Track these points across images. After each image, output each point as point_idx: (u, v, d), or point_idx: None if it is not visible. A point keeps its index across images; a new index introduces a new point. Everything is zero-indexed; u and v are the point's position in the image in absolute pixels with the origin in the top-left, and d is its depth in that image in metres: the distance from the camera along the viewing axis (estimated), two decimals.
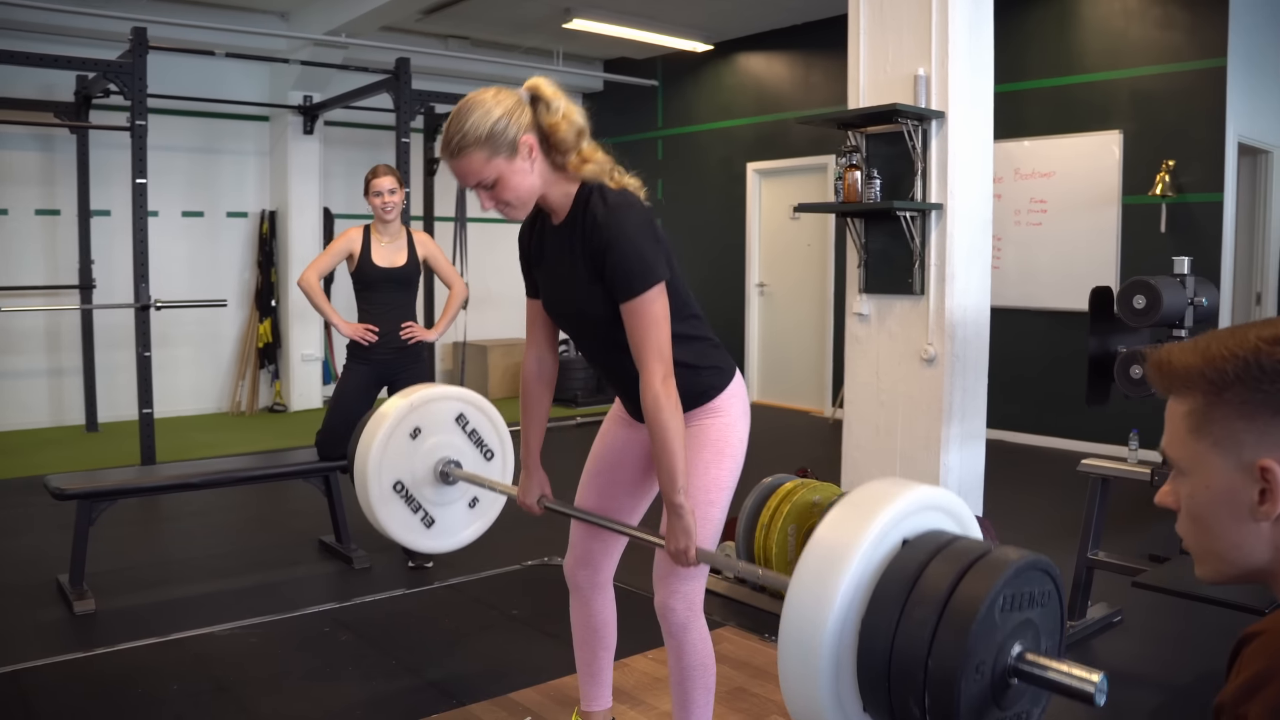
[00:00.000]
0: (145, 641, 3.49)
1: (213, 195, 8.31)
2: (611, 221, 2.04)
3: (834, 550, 1.59)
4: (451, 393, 2.95)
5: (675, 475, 2.06)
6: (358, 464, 2.83)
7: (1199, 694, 3.17)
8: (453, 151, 2.03)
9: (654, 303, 2.05)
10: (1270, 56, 6.47)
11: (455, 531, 2.98)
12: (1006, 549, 1.60)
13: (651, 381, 2.04)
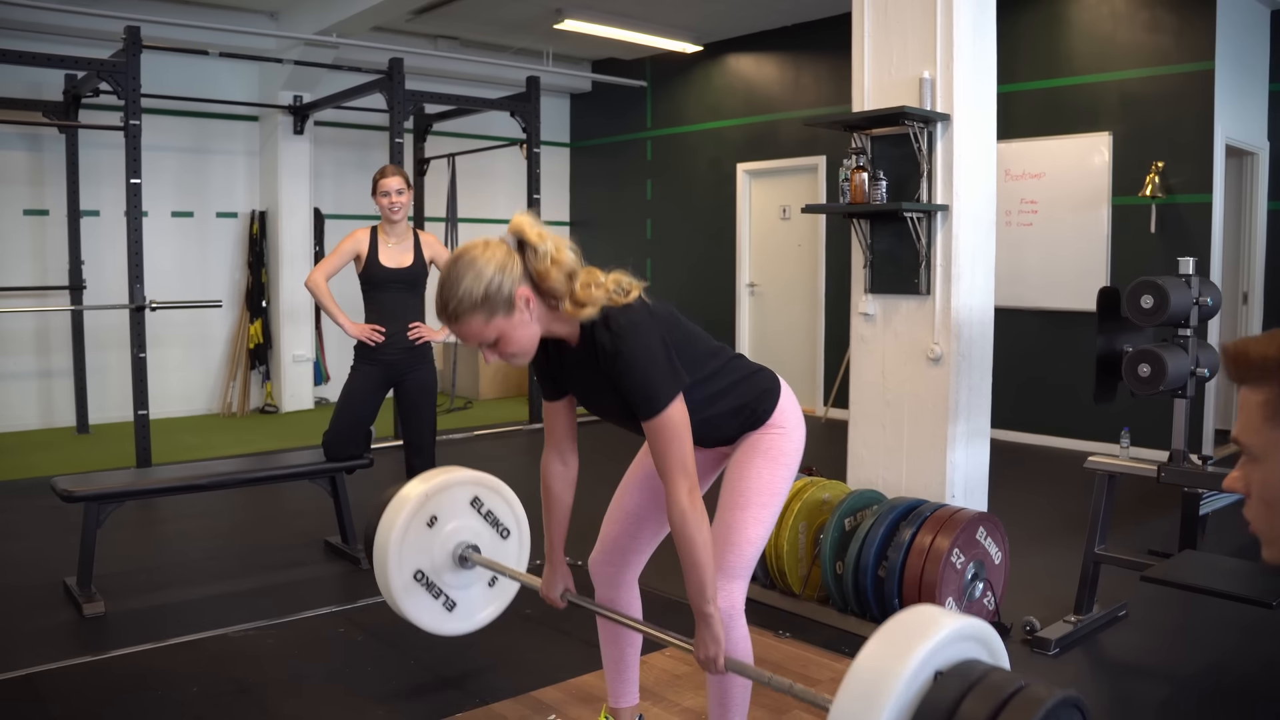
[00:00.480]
0: (160, 644, 3.48)
1: (202, 195, 8.27)
2: (620, 350, 2.05)
3: (872, 686, 1.66)
4: (465, 477, 2.99)
5: (704, 587, 2.10)
6: (377, 555, 2.87)
7: (1205, 685, 3.23)
8: (451, 317, 2.04)
9: (671, 418, 2.07)
10: (1255, 59, 6.57)
11: (476, 612, 3.03)
12: (1037, 686, 1.67)
13: (678, 497, 2.08)
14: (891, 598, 3.51)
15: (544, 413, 2.41)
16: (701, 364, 2.24)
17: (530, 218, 2.09)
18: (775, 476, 2.34)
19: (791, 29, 8.63)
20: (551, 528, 2.48)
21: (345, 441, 4.45)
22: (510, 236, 2.08)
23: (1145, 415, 6.48)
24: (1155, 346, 3.40)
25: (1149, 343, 3.63)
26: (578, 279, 2.08)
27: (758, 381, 2.37)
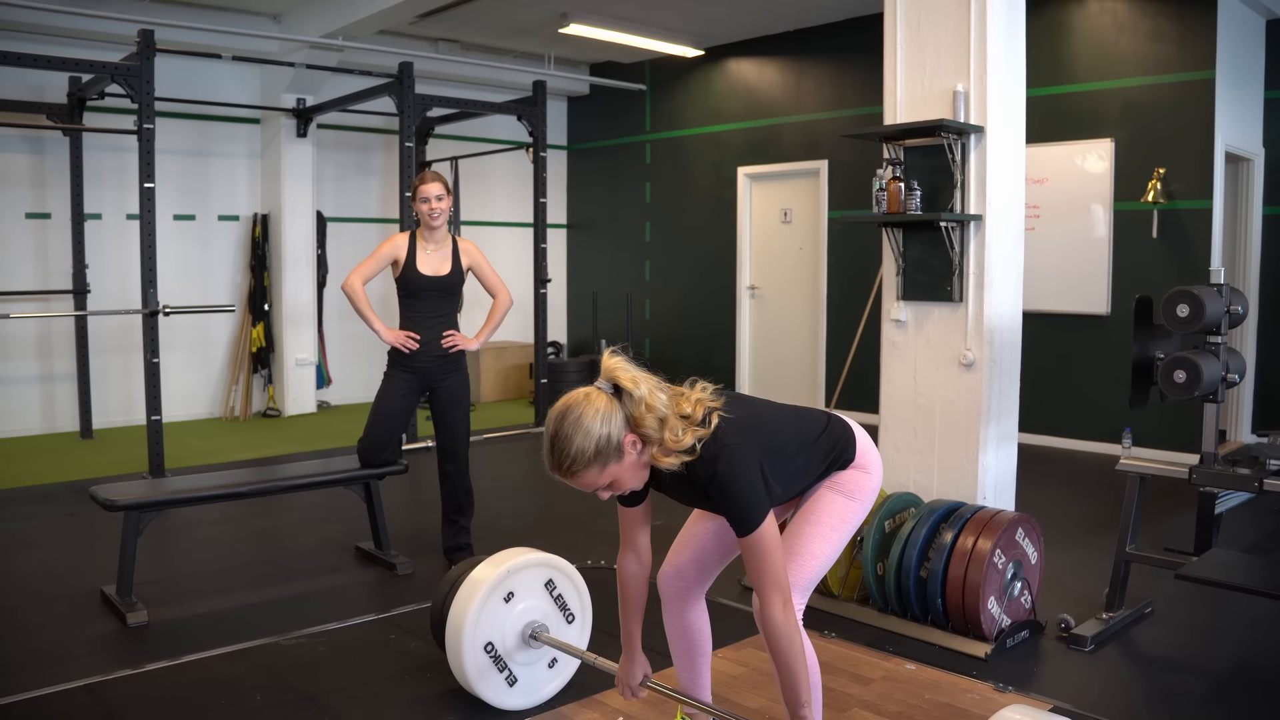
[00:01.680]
0: (213, 652, 3.50)
1: (204, 198, 8.24)
2: (715, 476, 2.16)
3: None
4: (545, 559, 3.13)
5: (799, 694, 2.22)
6: (452, 623, 2.98)
7: (1240, 680, 3.33)
8: (566, 473, 2.12)
9: (764, 535, 2.17)
10: (1251, 68, 6.72)
11: (535, 690, 3.14)
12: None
13: (773, 613, 2.18)
14: (935, 598, 3.59)
15: (621, 517, 2.48)
16: (788, 455, 2.34)
17: (621, 360, 2.17)
18: (849, 508, 2.46)
19: (794, 34, 8.72)
20: (629, 621, 2.58)
21: (381, 448, 4.47)
22: (605, 382, 2.16)
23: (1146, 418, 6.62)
24: (1189, 353, 3.50)
25: (1177, 349, 3.73)
26: (669, 425, 2.15)
27: (835, 433, 2.47)
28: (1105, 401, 6.92)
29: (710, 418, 2.20)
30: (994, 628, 3.53)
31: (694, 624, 2.63)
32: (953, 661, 3.44)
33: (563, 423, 2.11)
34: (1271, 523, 5.20)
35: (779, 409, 2.44)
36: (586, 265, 10.80)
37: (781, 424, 2.39)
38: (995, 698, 3.14)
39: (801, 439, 2.40)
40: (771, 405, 2.44)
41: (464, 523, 4.57)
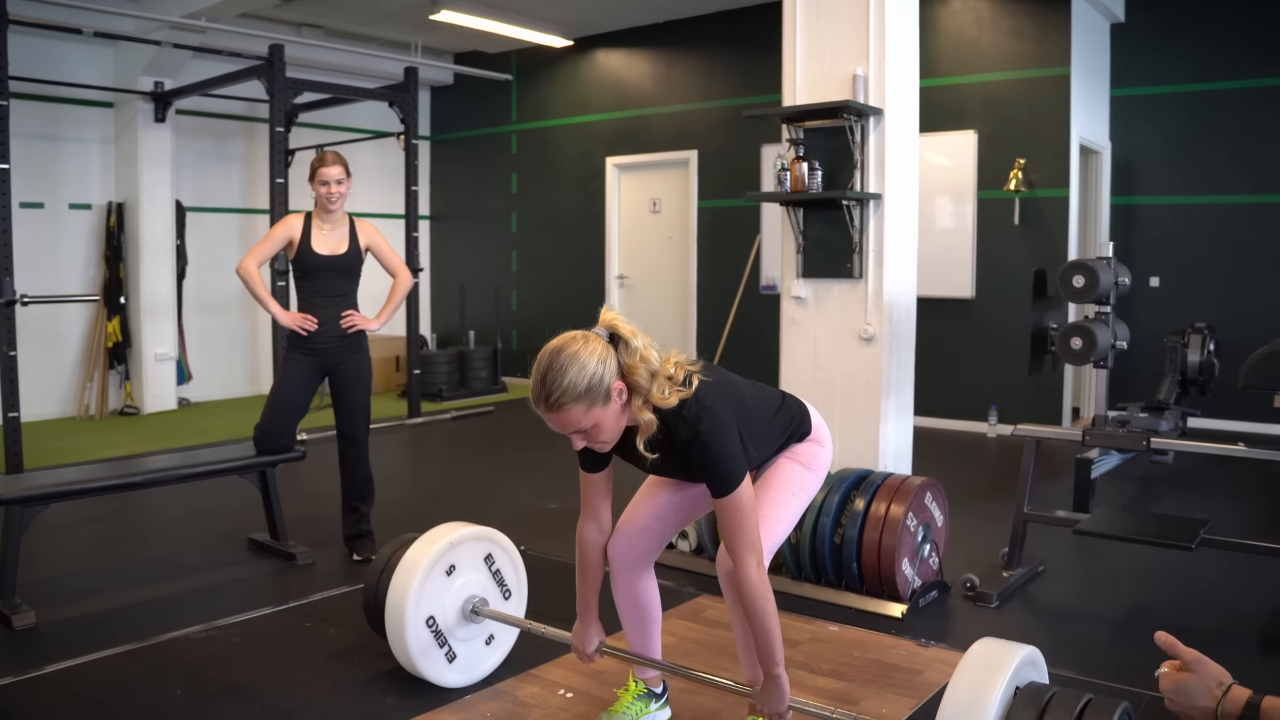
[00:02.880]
0: (117, 650, 3.31)
1: (53, 185, 7.74)
2: (697, 437, 2.20)
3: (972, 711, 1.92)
4: (485, 533, 3.10)
5: (773, 652, 2.27)
6: (394, 597, 2.91)
7: (1137, 625, 3.56)
8: (552, 406, 2.13)
9: (741, 497, 2.22)
10: (1098, 67, 7.17)
11: (474, 666, 3.10)
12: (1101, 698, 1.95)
13: (748, 572, 2.22)
14: (850, 563, 3.71)
15: (582, 484, 2.49)
16: (756, 422, 2.39)
17: (618, 314, 2.22)
18: (807, 478, 2.55)
19: (663, 25, 8.82)
20: (586, 588, 2.59)
21: (279, 434, 4.32)
22: (603, 329, 2.19)
23: (1009, 398, 7.01)
24: (1084, 322, 3.72)
25: (1066, 320, 3.96)
26: (658, 379, 2.18)
27: (791, 408, 2.56)
28: (971, 382, 7.27)
29: (691, 379, 2.23)
30: (907, 589, 3.67)
31: (645, 593, 2.65)
32: (871, 622, 3.56)
33: (558, 356, 2.12)
34: (1135, 487, 5.57)
35: (743, 381, 2.48)
36: (451, 257, 10.66)
37: (749, 393, 2.44)
38: (920, 652, 3.27)
39: (766, 409, 2.46)
40: (736, 376, 2.48)
41: (365, 510, 4.46)
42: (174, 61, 7.76)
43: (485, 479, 6.05)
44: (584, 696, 2.96)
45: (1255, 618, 3.59)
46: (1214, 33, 6.83)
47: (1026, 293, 6.68)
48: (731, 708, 2.86)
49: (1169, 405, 5.65)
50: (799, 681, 2.99)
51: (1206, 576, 4.02)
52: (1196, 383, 5.89)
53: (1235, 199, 6.87)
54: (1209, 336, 5.94)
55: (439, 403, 8.86)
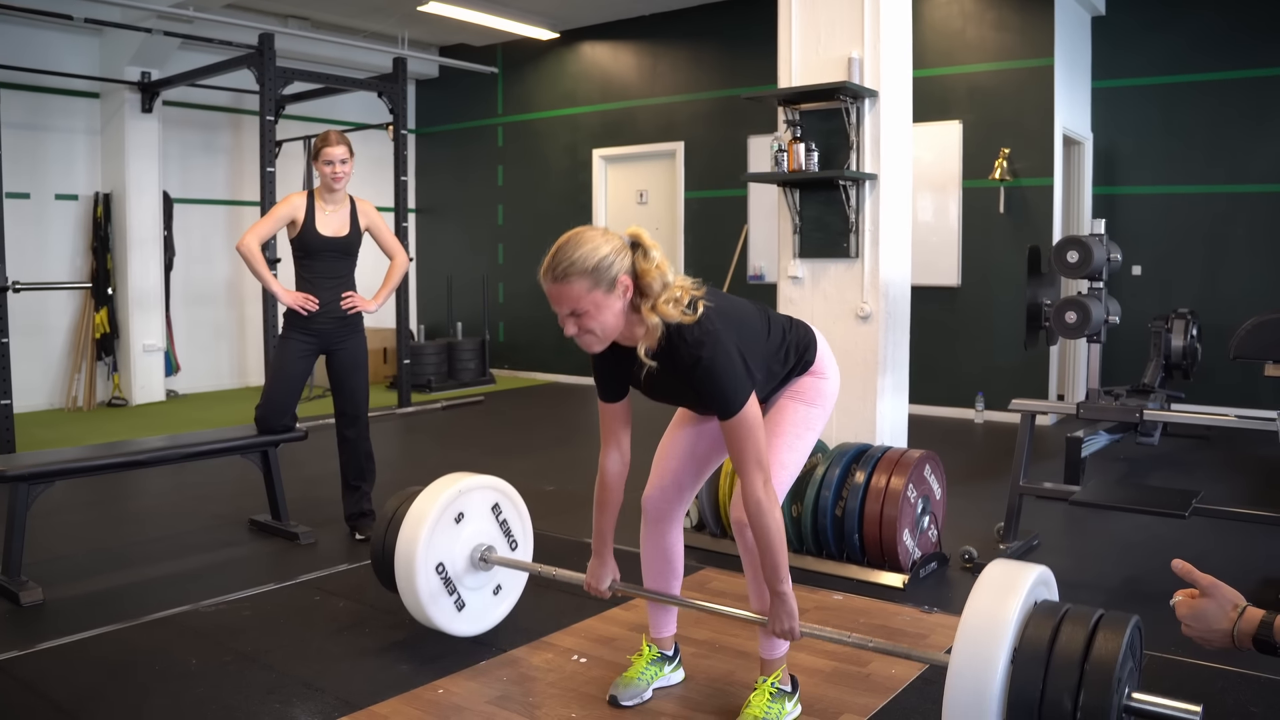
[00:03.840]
0: (129, 623, 3.33)
1: (38, 176, 7.71)
2: (700, 359, 2.23)
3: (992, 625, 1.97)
4: (492, 483, 3.14)
5: (779, 569, 2.32)
6: (403, 544, 2.94)
7: (1131, 593, 3.65)
8: (557, 276, 2.19)
9: (746, 417, 2.27)
10: (1080, 59, 7.29)
11: (482, 615, 3.15)
12: (1113, 613, 2.02)
13: (754, 489, 2.27)
14: (851, 534, 3.77)
15: (601, 414, 2.54)
16: (761, 346, 2.44)
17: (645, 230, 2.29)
18: (810, 414, 2.59)
19: (649, 18, 8.87)
20: (603, 521, 2.62)
21: (280, 413, 4.34)
22: (627, 236, 2.26)
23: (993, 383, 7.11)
24: (1078, 296, 3.80)
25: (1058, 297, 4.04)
26: (669, 290, 2.24)
27: (801, 334, 2.60)
28: (957, 368, 7.36)
29: (696, 305, 2.27)
30: (908, 559, 3.74)
31: (672, 545, 2.71)
32: (873, 592, 3.63)
33: (576, 234, 2.23)
34: (1123, 467, 5.68)
35: (750, 305, 2.53)
36: (437, 250, 10.67)
37: (754, 318, 2.48)
38: (924, 618, 3.34)
39: (771, 335, 2.49)
40: (744, 301, 2.52)
41: (365, 489, 4.49)
42: (161, 51, 7.75)
43: (480, 463, 6.03)
44: (597, 662, 3.00)
45: (1244, 584, 3.62)
46: (1192, 26, 6.95)
47: (1012, 281, 6.83)
48: (743, 669, 2.92)
49: (1154, 388, 5.75)
50: (809, 646, 3.05)
51: (1196, 547, 4.11)
52: (1180, 367, 6.00)
53: (1213, 188, 6.99)
54: (1191, 322, 6.06)
55: (428, 393, 8.88)
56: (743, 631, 3.22)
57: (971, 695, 1.92)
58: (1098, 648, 1.90)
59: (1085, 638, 1.92)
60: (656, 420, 2.80)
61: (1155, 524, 4.28)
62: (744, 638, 3.17)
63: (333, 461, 4.63)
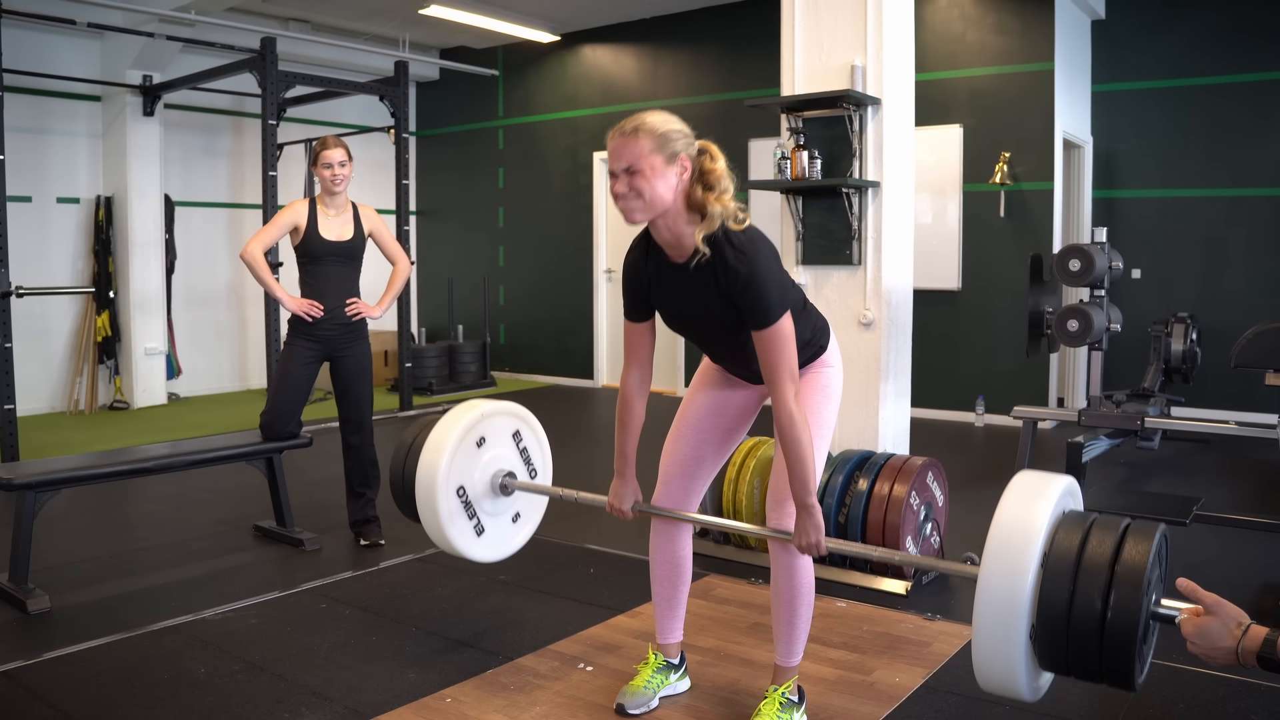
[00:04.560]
0: (137, 631, 3.34)
1: (40, 179, 7.72)
2: (743, 263, 2.30)
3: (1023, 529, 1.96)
4: (513, 409, 3.14)
5: (808, 482, 2.35)
6: (425, 461, 2.93)
7: None
8: (626, 131, 2.28)
9: (784, 328, 2.32)
10: (1080, 63, 7.31)
11: (501, 543, 3.16)
12: (1140, 521, 2.00)
13: (785, 400, 2.32)
14: (854, 541, 3.79)
15: (626, 334, 2.61)
16: (791, 291, 2.47)
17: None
18: (827, 410, 2.62)
19: (650, 21, 8.88)
20: (625, 441, 2.66)
21: (285, 420, 4.36)
22: (697, 143, 2.36)
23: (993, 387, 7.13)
24: (1080, 305, 3.82)
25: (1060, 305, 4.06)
26: (728, 192, 2.34)
27: (816, 316, 2.64)
28: (956, 372, 7.38)
29: (744, 218, 2.37)
30: (910, 567, 3.76)
31: (680, 550, 2.74)
32: (876, 599, 3.65)
33: (652, 110, 2.35)
34: (1123, 472, 5.69)
35: None
36: (438, 252, 10.68)
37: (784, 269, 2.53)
38: (928, 625, 3.36)
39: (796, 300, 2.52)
40: None
41: (370, 495, 4.50)
42: (162, 55, 7.76)
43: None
44: (603, 670, 3.02)
45: (1245, 590, 3.70)
46: (1191, 29, 6.98)
47: (1013, 284, 6.85)
48: (749, 678, 2.94)
49: (1154, 393, 5.77)
50: (812, 654, 3.07)
51: (1196, 553, 4.13)
52: (1180, 371, 6.02)
53: (1213, 192, 7.01)
54: (1191, 326, 6.07)
55: (429, 396, 8.89)
56: (748, 639, 3.24)
57: (1003, 598, 1.91)
58: (1127, 552, 1.89)
59: (1115, 542, 1.91)
60: (657, 426, 2.81)
61: None
62: (749, 646, 3.19)
63: (336, 466, 4.65)
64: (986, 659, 1.97)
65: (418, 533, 4.53)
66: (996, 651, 1.95)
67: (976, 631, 1.97)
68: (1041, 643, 1.94)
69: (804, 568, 2.56)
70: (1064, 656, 1.93)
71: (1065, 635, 1.90)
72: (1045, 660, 1.97)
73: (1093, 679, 1.95)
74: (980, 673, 2.01)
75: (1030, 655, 1.97)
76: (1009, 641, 1.93)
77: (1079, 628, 1.88)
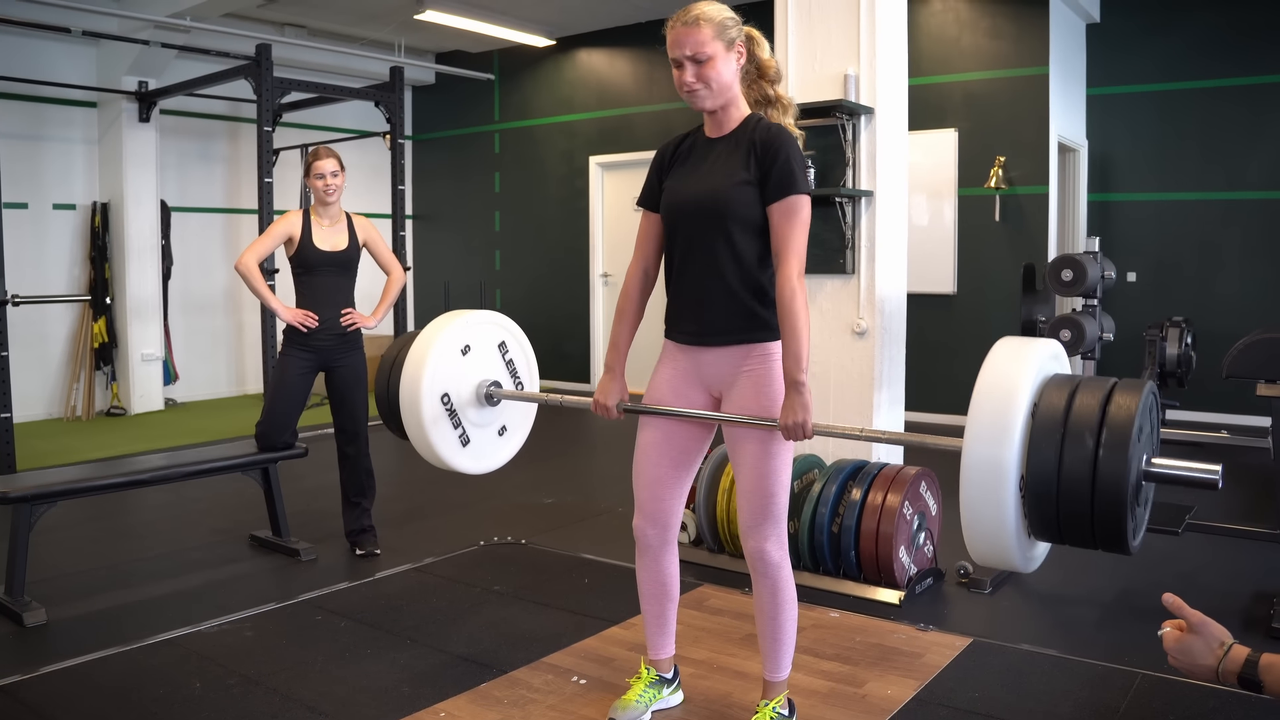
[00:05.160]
0: (133, 645, 3.35)
1: (36, 186, 7.72)
2: (784, 138, 2.42)
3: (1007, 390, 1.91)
4: (498, 319, 3.13)
5: (800, 356, 2.36)
6: (409, 367, 2.90)
7: (1125, 607, 3.69)
8: (688, 21, 2.38)
9: (804, 207, 2.41)
10: (1075, 66, 7.32)
11: (486, 455, 3.12)
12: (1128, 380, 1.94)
13: (790, 275, 2.37)
14: (848, 551, 3.80)
15: (640, 226, 2.68)
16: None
17: None
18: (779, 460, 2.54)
19: (645, 25, 8.88)
20: (620, 332, 2.68)
21: (281, 430, 4.37)
22: (744, 29, 2.48)
23: None
24: (1073, 314, 3.83)
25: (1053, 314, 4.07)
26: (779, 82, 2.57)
27: None
28: (951, 376, 7.37)
29: None
30: (904, 576, 3.77)
31: (667, 569, 2.73)
32: (869, 609, 3.66)
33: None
34: None
35: None
36: (434, 256, 10.69)
37: None
38: (920, 636, 3.37)
39: None
40: None
41: (366, 505, 4.52)
42: (158, 61, 7.76)
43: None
44: (596, 683, 3.03)
45: (1237, 599, 3.72)
46: (1186, 33, 6.99)
47: (1008, 288, 6.86)
48: (742, 690, 2.95)
49: None
50: (804, 666, 3.09)
51: (1189, 561, 4.14)
52: (1175, 375, 6.03)
53: (1208, 195, 7.03)
54: (1186, 330, 6.09)
55: None
56: (741, 651, 3.26)
57: (988, 462, 1.86)
58: (1115, 406, 1.83)
59: (1102, 399, 1.86)
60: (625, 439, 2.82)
61: (1149, 538, 4.28)
62: (742, 657, 3.20)
63: (332, 473, 4.66)
64: (976, 527, 1.89)
65: (413, 542, 4.58)
66: (985, 518, 1.87)
67: (964, 500, 1.88)
68: (1032, 508, 1.86)
69: (786, 583, 2.58)
70: (1055, 521, 1.85)
71: (1055, 497, 1.82)
72: (1037, 527, 1.89)
73: (1086, 544, 1.86)
74: (971, 543, 1.92)
75: (1021, 521, 1.89)
76: (998, 506, 1.85)
77: (1068, 488, 1.81)
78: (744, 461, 2.53)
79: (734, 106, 2.49)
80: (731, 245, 2.44)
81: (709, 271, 2.49)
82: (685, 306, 2.57)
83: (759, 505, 2.51)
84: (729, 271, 2.45)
